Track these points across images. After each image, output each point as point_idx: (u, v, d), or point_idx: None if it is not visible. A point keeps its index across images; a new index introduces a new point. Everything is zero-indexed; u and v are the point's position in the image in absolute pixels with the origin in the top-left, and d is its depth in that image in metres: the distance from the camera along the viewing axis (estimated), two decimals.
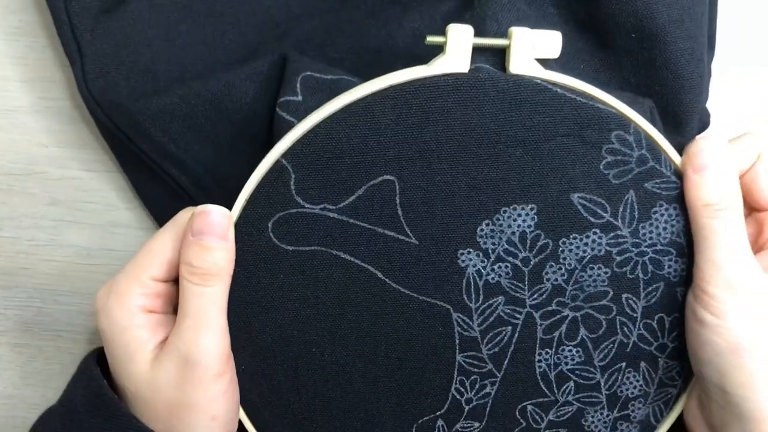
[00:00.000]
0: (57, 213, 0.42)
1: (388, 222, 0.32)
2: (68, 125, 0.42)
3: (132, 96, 0.36)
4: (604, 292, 0.33)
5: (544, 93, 0.31)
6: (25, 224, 0.42)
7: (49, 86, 0.42)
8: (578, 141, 0.31)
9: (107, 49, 0.36)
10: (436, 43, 0.31)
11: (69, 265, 0.43)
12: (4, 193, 0.42)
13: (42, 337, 0.43)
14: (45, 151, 0.42)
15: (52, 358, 0.44)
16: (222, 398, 0.32)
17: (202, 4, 0.38)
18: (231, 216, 0.32)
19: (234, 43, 0.38)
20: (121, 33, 0.37)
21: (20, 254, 0.43)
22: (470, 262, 0.33)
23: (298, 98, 0.34)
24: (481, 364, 0.34)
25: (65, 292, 0.43)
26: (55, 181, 0.42)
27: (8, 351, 0.44)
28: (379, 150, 0.32)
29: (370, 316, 0.33)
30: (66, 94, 0.42)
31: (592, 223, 0.33)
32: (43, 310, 0.43)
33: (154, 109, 0.36)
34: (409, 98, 0.31)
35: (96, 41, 0.36)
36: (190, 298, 0.31)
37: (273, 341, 0.34)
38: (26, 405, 0.44)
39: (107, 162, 0.42)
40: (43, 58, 0.42)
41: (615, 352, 0.34)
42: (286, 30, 0.38)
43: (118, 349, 0.32)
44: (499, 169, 0.32)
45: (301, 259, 0.33)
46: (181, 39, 0.37)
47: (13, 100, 0.42)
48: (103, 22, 0.36)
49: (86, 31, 0.36)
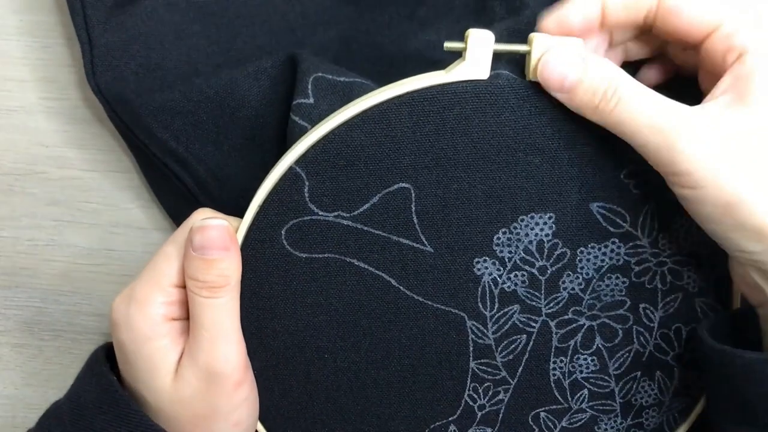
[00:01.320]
0: (57, 213, 0.42)
1: (403, 230, 0.32)
2: (68, 125, 0.42)
3: (138, 91, 0.36)
4: (621, 301, 0.33)
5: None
6: (25, 224, 0.42)
7: (50, 86, 0.41)
8: (599, 150, 0.31)
9: (118, 42, 0.36)
10: (455, 49, 0.30)
11: (69, 265, 0.43)
12: (4, 193, 0.42)
13: (42, 337, 0.43)
14: (45, 151, 0.42)
15: (52, 358, 0.44)
16: (244, 405, 0.32)
17: (217, 5, 0.37)
18: (229, 225, 0.32)
19: (247, 46, 0.37)
20: (134, 28, 0.36)
21: (20, 254, 0.43)
22: (486, 271, 0.32)
23: (310, 101, 0.33)
24: (495, 371, 0.34)
25: (65, 292, 0.43)
26: (55, 181, 0.42)
27: (8, 351, 0.44)
28: (395, 157, 0.31)
29: (383, 323, 0.33)
30: (66, 94, 0.42)
31: (611, 232, 0.32)
32: (43, 310, 0.43)
33: (157, 105, 0.36)
34: (427, 105, 0.30)
35: (108, 34, 0.36)
36: (202, 311, 0.31)
37: (286, 347, 0.33)
38: (26, 405, 0.44)
39: (107, 162, 0.42)
40: (43, 58, 0.41)
41: (631, 361, 0.34)
42: (303, 38, 0.38)
43: (142, 362, 0.31)
44: (518, 177, 0.31)
45: (314, 266, 0.32)
46: (194, 38, 0.37)
47: (13, 100, 0.42)
48: (117, 15, 0.36)
49: (99, 23, 0.36)
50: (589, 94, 0.28)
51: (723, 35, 0.28)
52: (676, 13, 0.29)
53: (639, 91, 0.28)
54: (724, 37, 0.28)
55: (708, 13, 0.28)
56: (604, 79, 0.28)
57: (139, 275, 0.32)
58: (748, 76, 0.27)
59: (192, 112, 0.36)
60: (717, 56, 0.28)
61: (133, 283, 0.32)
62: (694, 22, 0.28)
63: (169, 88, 0.36)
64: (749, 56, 0.27)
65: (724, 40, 0.28)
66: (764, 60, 0.27)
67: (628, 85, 0.28)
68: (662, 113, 0.27)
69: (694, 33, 0.29)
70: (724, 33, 0.28)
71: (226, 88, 0.35)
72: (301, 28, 0.38)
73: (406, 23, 0.38)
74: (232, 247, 0.31)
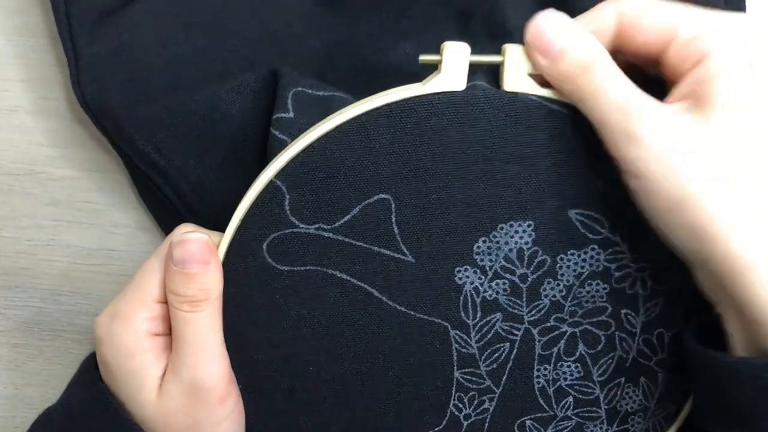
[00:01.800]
0: (57, 213, 0.42)
1: (384, 241, 0.32)
2: (68, 125, 0.42)
3: (123, 102, 0.36)
4: (602, 307, 0.33)
5: (540, 109, 0.30)
6: (25, 224, 0.42)
7: (50, 86, 0.42)
8: (576, 157, 0.31)
9: (103, 53, 0.36)
10: (430, 62, 0.30)
11: (69, 265, 0.43)
12: (4, 193, 0.42)
13: (42, 337, 0.43)
14: (45, 151, 0.42)
15: (52, 358, 0.44)
16: (229, 419, 0.32)
17: (203, 14, 0.37)
18: (209, 239, 0.32)
19: (233, 56, 0.38)
20: (119, 38, 0.36)
21: (20, 254, 0.43)
22: (467, 279, 0.33)
23: (290, 115, 0.33)
24: (480, 380, 0.34)
25: (65, 292, 0.43)
26: (55, 181, 0.42)
27: (8, 351, 0.44)
28: (374, 169, 0.31)
29: (367, 335, 0.33)
30: (66, 94, 0.42)
31: (590, 239, 0.32)
32: (43, 310, 0.43)
33: (140, 117, 0.36)
34: (404, 117, 0.31)
35: (93, 45, 0.36)
36: (184, 326, 0.31)
37: (270, 361, 0.33)
38: (26, 405, 0.44)
39: (107, 162, 0.42)
40: (43, 59, 0.41)
41: (614, 367, 0.34)
42: (288, 48, 0.38)
43: (125, 377, 0.31)
44: (496, 185, 0.31)
45: (296, 279, 0.32)
46: (179, 48, 0.37)
47: (13, 100, 0.42)
48: (102, 26, 0.36)
49: (84, 34, 0.36)
50: (572, 65, 0.29)
51: (680, 43, 0.28)
52: (636, 25, 0.29)
53: (615, 71, 0.29)
54: (681, 45, 0.28)
55: (665, 22, 0.29)
56: (589, 54, 0.29)
57: (123, 290, 0.32)
58: (703, 82, 0.27)
59: (174, 125, 0.36)
60: (676, 64, 0.29)
61: (116, 299, 0.32)
62: (653, 32, 0.29)
63: (153, 100, 0.36)
64: (706, 62, 0.28)
65: (682, 47, 0.28)
66: (719, 66, 0.27)
67: (608, 64, 0.29)
68: (630, 97, 0.28)
69: (655, 45, 0.29)
70: (681, 41, 0.28)
71: (208, 101, 0.35)
72: (287, 38, 0.38)
73: (388, 35, 0.38)
74: (212, 261, 0.31)
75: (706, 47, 0.28)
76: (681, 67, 0.29)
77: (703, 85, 0.28)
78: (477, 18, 0.37)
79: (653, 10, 0.29)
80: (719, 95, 0.27)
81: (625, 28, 0.29)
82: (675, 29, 0.29)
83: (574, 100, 0.30)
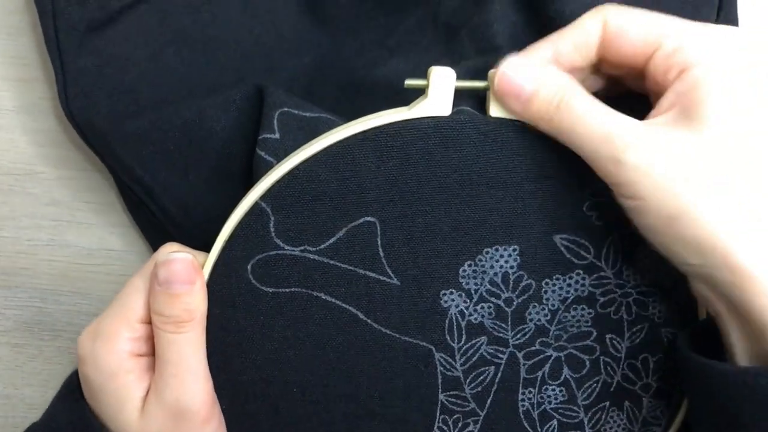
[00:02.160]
0: (57, 213, 0.42)
1: (370, 263, 0.32)
2: (68, 125, 0.41)
3: (110, 116, 0.36)
4: (587, 332, 0.33)
5: (525, 135, 0.30)
6: (25, 224, 0.42)
7: (50, 86, 0.41)
8: (560, 183, 0.31)
9: (91, 67, 0.36)
10: (417, 86, 0.30)
11: (69, 265, 0.43)
12: (4, 193, 0.42)
13: (42, 337, 0.43)
14: (45, 151, 0.42)
15: (52, 358, 0.43)
16: None
17: (192, 27, 0.37)
18: (194, 258, 0.32)
19: (221, 69, 0.38)
20: (107, 52, 0.36)
21: (20, 254, 0.43)
22: (453, 303, 0.33)
23: (276, 136, 0.33)
24: (464, 403, 0.34)
25: (65, 292, 0.43)
26: (55, 181, 0.42)
27: (8, 351, 0.43)
28: (360, 192, 0.31)
29: (351, 357, 0.33)
30: None
31: (575, 264, 0.32)
32: (44, 310, 0.43)
33: (125, 132, 0.36)
34: (390, 140, 0.31)
35: (80, 59, 0.36)
36: (167, 347, 0.31)
37: (253, 382, 0.33)
38: (26, 405, 0.44)
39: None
40: (43, 59, 0.41)
41: (599, 392, 0.34)
42: (278, 62, 0.38)
43: (108, 397, 0.31)
44: (481, 210, 0.31)
45: (281, 300, 0.32)
46: (168, 62, 0.37)
47: (13, 100, 0.42)
48: (90, 40, 0.36)
49: (72, 48, 0.36)
50: (544, 104, 0.29)
51: (664, 54, 0.28)
52: (621, 35, 0.29)
53: (590, 102, 0.29)
54: (664, 55, 0.28)
55: (649, 32, 0.29)
56: (559, 90, 0.29)
57: (106, 309, 0.32)
58: (689, 91, 0.27)
59: (160, 141, 0.36)
60: (659, 75, 0.29)
61: (99, 317, 0.32)
62: (637, 42, 0.29)
63: (141, 113, 0.36)
64: (690, 72, 0.27)
65: (665, 58, 0.28)
66: (706, 74, 0.27)
67: (580, 96, 0.29)
68: (610, 124, 0.28)
69: (639, 54, 0.29)
70: (665, 51, 0.28)
71: (194, 118, 0.35)
72: (276, 52, 0.38)
73: (377, 50, 0.38)
74: (197, 281, 0.31)
75: (690, 57, 0.28)
76: (665, 77, 0.28)
77: (689, 94, 0.27)
78: (465, 33, 0.37)
79: (638, 20, 0.29)
80: (707, 103, 0.27)
81: (610, 38, 0.29)
82: (659, 39, 0.28)
83: (558, 138, 0.30)
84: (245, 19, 0.38)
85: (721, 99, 0.27)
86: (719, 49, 0.28)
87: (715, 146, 0.27)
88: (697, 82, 0.27)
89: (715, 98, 0.27)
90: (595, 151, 0.28)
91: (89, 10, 0.36)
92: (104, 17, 0.36)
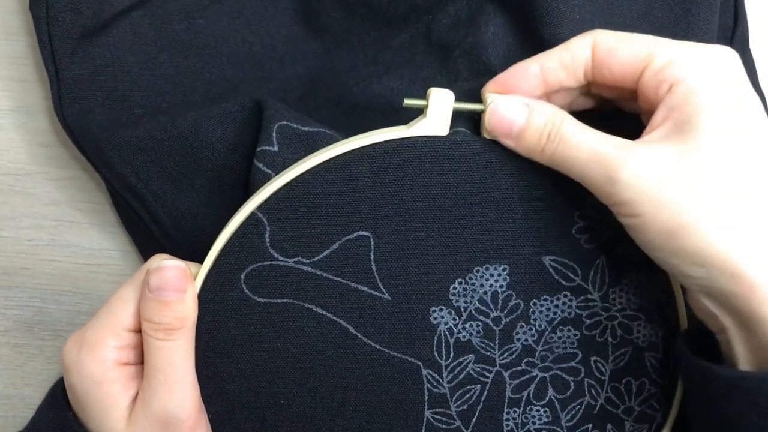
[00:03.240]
0: (57, 213, 0.42)
1: (362, 277, 0.32)
2: None
3: (105, 123, 0.36)
4: (573, 354, 0.34)
5: (518, 157, 0.31)
6: (25, 224, 0.42)
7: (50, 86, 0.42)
8: (551, 205, 0.32)
9: (85, 74, 0.36)
10: (416, 106, 0.31)
11: (69, 265, 0.43)
12: (4, 193, 0.42)
13: (42, 337, 0.43)
14: (45, 150, 0.42)
15: (52, 358, 0.43)
16: None
17: (186, 34, 0.38)
18: (186, 267, 0.32)
19: (214, 77, 0.38)
20: (102, 58, 0.37)
21: (20, 254, 0.43)
22: (442, 320, 0.33)
23: (275, 148, 0.34)
24: (450, 421, 0.34)
25: (65, 292, 0.43)
26: (55, 181, 0.42)
27: (8, 351, 0.43)
28: (355, 206, 0.32)
29: (340, 370, 0.33)
30: None
31: (563, 285, 0.33)
32: (44, 310, 0.43)
33: (120, 140, 0.36)
34: (387, 157, 0.31)
35: (74, 66, 0.36)
36: (157, 354, 0.31)
37: (241, 392, 0.33)
38: (26, 405, 0.44)
39: None
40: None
41: (582, 414, 0.34)
42: (270, 72, 0.38)
43: (92, 405, 0.31)
44: (473, 229, 0.32)
45: (272, 311, 0.33)
46: (161, 68, 0.37)
47: (13, 100, 0.42)
48: (84, 47, 0.36)
49: (66, 55, 0.36)
50: (535, 137, 0.30)
51: (654, 70, 0.29)
52: (611, 55, 0.30)
53: (580, 128, 0.29)
54: (655, 71, 0.29)
55: (639, 51, 0.29)
56: (548, 122, 0.29)
57: (93, 318, 0.32)
58: (681, 104, 0.28)
59: (154, 150, 0.36)
60: (651, 92, 0.29)
61: (86, 326, 0.32)
62: (627, 61, 0.30)
63: (135, 122, 0.36)
64: (681, 86, 0.28)
65: (656, 74, 0.29)
66: (697, 86, 0.28)
67: (569, 124, 0.29)
68: (602, 147, 0.29)
69: (630, 73, 0.30)
70: (655, 67, 0.29)
71: (190, 128, 0.36)
72: (269, 62, 0.39)
73: (372, 66, 0.39)
74: (188, 289, 0.31)
75: (680, 71, 0.28)
76: (656, 92, 0.29)
77: (681, 107, 0.28)
78: (459, 54, 0.38)
79: (627, 40, 0.30)
80: (699, 115, 0.27)
81: (601, 59, 0.30)
82: (649, 56, 0.29)
83: (554, 167, 0.30)
84: (238, 27, 0.38)
85: (713, 110, 0.28)
86: (708, 63, 0.29)
87: (709, 157, 0.27)
88: (689, 94, 0.28)
89: (707, 110, 0.28)
90: (589, 174, 0.29)
91: (83, 17, 0.36)
92: (98, 24, 0.37)
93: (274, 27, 0.39)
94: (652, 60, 0.29)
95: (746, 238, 0.27)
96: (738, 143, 0.28)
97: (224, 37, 0.38)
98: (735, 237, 0.27)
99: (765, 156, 0.28)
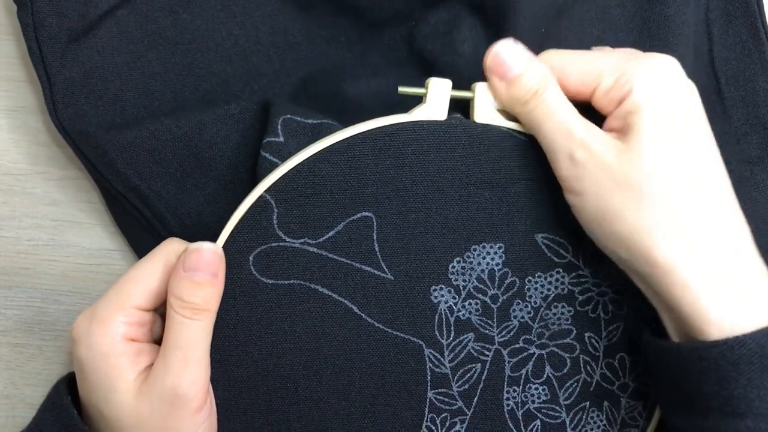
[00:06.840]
0: (57, 213, 0.43)
1: (366, 257, 0.34)
2: None
3: (101, 125, 0.37)
4: (568, 330, 0.35)
5: (511, 140, 0.34)
6: (25, 224, 0.43)
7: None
8: (542, 184, 0.34)
9: (76, 77, 0.37)
10: (412, 93, 0.33)
11: (69, 265, 0.43)
12: (5, 193, 0.43)
13: (42, 337, 0.43)
14: (46, 150, 0.43)
15: (53, 358, 0.43)
16: (202, 428, 0.32)
17: (172, 31, 0.38)
18: (222, 255, 0.33)
19: (203, 72, 0.39)
20: (90, 61, 0.37)
21: (20, 254, 0.43)
22: (442, 299, 0.35)
23: (280, 139, 0.36)
24: (452, 401, 0.35)
25: (65, 292, 0.43)
26: (56, 181, 0.43)
27: (8, 351, 0.43)
28: (359, 187, 0.34)
29: (345, 351, 0.34)
30: None
31: (555, 262, 0.35)
32: (44, 310, 0.43)
33: (123, 141, 0.37)
34: (387, 140, 0.33)
35: (65, 70, 0.37)
36: (179, 330, 0.31)
37: (249, 375, 0.34)
38: (26, 405, 0.43)
39: None
40: None
41: (579, 391, 0.35)
42: (258, 66, 0.39)
43: (99, 377, 0.31)
44: (470, 208, 0.34)
45: (279, 292, 0.34)
46: (150, 67, 0.38)
47: (13, 100, 0.43)
48: (72, 50, 0.37)
49: (55, 59, 0.37)
50: (524, 89, 0.32)
51: (604, 88, 0.32)
52: (563, 76, 0.33)
53: (562, 99, 0.32)
54: (605, 89, 0.32)
55: (588, 71, 0.32)
56: (541, 81, 0.32)
57: (103, 295, 0.33)
58: (626, 114, 0.31)
59: (158, 150, 0.37)
60: (602, 107, 0.32)
61: (96, 302, 0.33)
62: (578, 82, 0.33)
63: (132, 122, 0.37)
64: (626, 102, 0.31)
65: (605, 95, 0.32)
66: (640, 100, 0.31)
67: (556, 90, 0.32)
68: (572, 123, 0.32)
69: (583, 91, 0.33)
70: (605, 86, 0.32)
71: (194, 129, 0.37)
72: (256, 55, 0.40)
73: (359, 68, 0.41)
74: (220, 275, 0.33)
75: (627, 87, 0.31)
76: (607, 109, 0.33)
77: (626, 118, 0.31)
78: (438, 70, 0.40)
79: (575, 60, 0.33)
80: (639, 125, 0.31)
81: (557, 78, 0.33)
82: (599, 75, 0.32)
83: (526, 124, 0.33)
84: (223, 20, 0.39)
85: (650, 122, 0.31)
86: (651, 77, 0.32)
87: (643, 162, 0.31)
88: (631, 108, 0.31)
89: (646, 121, 0.31)
90: (554, 142, 0.32)
91: (69, 20, 0.37)
92: (85, 26, 0.37)
93: (259, 18, 0.40)
94: (602, 78, 0.32)
95: (664, 228, 0.30)
96: (670, 151, 0.31)
97: (210, 30, 0.39)
98: (653, 226, 0.30)
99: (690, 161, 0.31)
